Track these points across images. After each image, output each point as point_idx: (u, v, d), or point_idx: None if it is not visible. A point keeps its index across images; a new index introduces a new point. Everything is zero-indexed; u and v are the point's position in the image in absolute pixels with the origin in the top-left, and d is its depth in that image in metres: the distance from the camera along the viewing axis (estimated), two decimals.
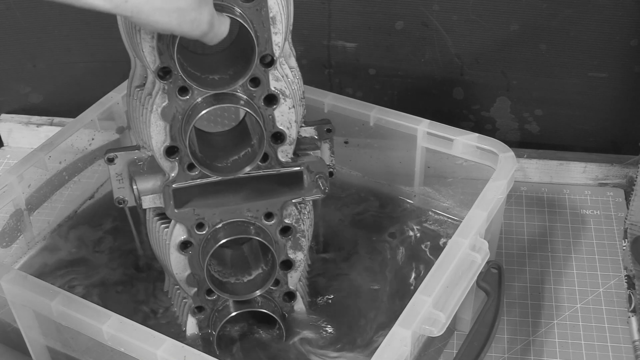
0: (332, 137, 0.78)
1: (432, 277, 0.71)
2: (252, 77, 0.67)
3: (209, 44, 0.60)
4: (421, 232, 0.93)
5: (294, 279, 0.80)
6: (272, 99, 0.69)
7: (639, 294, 0.89)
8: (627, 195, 1.05)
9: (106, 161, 0.74)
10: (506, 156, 0.83)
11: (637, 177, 0.92)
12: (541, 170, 1.07)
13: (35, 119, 1.17)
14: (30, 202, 0.90)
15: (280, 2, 0.65)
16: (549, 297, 0.92)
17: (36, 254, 0.92)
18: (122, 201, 0.77)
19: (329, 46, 1.08)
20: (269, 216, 0.74)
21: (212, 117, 0.97)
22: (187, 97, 0.67)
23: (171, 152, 0.70)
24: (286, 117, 0.70)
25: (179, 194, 0.71)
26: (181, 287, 0.78)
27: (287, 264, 0.78)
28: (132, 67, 0.73)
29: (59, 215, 0.96)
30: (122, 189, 0.76)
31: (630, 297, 0.90)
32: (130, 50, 0.71)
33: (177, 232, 0.74)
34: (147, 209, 0.76)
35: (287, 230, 0.76)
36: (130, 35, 0.67)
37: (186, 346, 0.66)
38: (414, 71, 1.08)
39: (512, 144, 0.89)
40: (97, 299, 0.86)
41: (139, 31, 0.64)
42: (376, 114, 0.91)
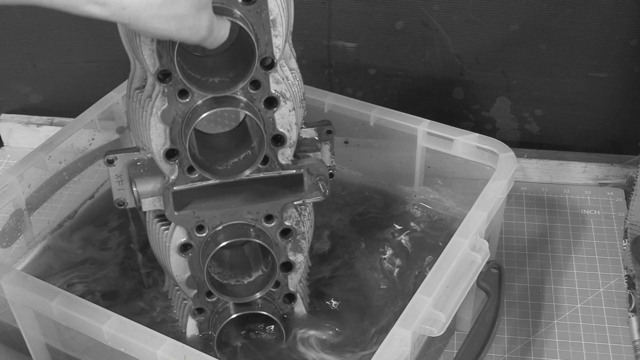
0: (332, 139, 0.78)
1: (432, 277, 0.71)
2: (253, 79, 0.67)
3: (208, 48, 0.60)
4: (421, 232, 0.93)
5: (294, 281, 0.79)
6: (272, 102, 0.69)
7: (639, 294, 0.89)
8: (627, 195, 1.05)
9: (106, 163, 0.74)
10: (506, 156, 0.83)
11: (637, 177, 0.92)
12: (541, 170, 1.07)
13: (35, 119, 1.17)
14: (30, 202, 0.90)
15: (280, 4, 0.64)
16: (549, 297, 0.92)
17: (39, 255, 0.92)
18: (122, 203, 0.76)
19: (329, 46, 1.08)
20: (269, 218, 0.74)
21: (212, 118, 0.97)
22: (187, 100, 0.67)
23: (171, 154, 0.69)
24: (286, 119, 0.70)
25: (178, 197, 0.71)
26: (181, 288, 0.78)
27: (288, 266, 0.78)
28: (131, 68, 0.72)
29: (59, 215, 0.95)
30: (122, 191, 0.76)
31: (630, 297, 0.90)
32: (129, 52, 0.70)
33: (177, 235, 0.73)
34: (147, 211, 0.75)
35: (288, 232, 0.75)
36: (129, 38, 0.67)
37: (186, 346, 0.66)
38: (414, 71, 1.08)
39: (512, 144, 0.89)
40: (102, 299, 0.86)
41: (138, 35, 0.63)
42: (376, 114, 0.91)
